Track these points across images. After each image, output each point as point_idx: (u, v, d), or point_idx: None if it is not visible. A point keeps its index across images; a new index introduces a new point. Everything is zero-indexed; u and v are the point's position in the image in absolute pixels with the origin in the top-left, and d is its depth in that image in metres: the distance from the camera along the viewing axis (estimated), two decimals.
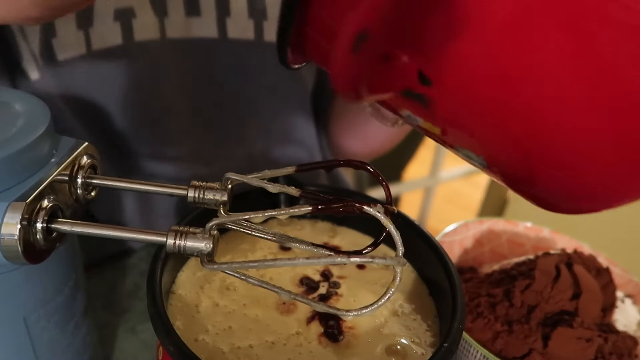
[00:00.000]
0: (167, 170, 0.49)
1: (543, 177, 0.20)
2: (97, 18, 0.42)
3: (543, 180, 0.20)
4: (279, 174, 0.26)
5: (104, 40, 0.42)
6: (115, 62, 0.43)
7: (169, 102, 0.46)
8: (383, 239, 0.25)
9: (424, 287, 0.31)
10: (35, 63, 0.41)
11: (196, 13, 0.45)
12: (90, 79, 0.43)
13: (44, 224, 0.23)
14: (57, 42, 0.41)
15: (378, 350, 0.27)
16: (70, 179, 0.26)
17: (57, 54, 0.41)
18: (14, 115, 0.25)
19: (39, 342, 0.28)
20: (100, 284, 0.44)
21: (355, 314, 0.22)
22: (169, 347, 0.23)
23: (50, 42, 0.41)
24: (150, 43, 0.43)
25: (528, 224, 0.45)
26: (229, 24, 0.46)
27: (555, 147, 0.18)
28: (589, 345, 0.33)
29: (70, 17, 0.41)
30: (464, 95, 0.19)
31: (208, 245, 0.23)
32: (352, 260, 0.21)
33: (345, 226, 0.35)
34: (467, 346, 0.32)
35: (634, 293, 0.41)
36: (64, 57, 0.41)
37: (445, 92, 0.19)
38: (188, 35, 0.45)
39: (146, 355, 0.39)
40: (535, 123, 0.18)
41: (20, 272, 0.25)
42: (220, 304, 0.29)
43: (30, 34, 0.41)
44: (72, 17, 0.41)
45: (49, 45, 0.41)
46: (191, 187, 0.27)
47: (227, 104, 0.49)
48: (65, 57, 0.41)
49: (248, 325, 0.27)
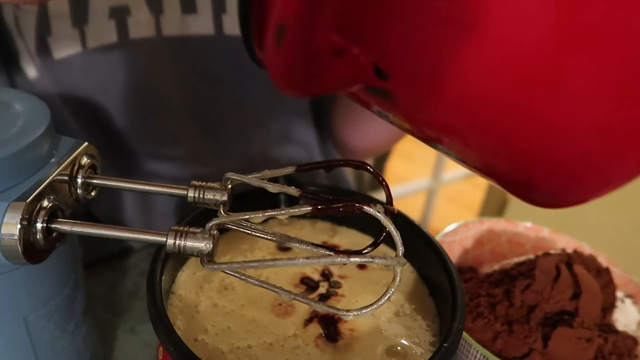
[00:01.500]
0: (167, 169, 0.49)
1: (512, 169, 0.20)
2: (92, 16, 0.42)
3: (515, 172, 0.20)
4: (279, 173, 0.26)
5: (99, 39, 0.42)
6: (111, 60, 0.43)
7: (167, 100, 0.46)
8: (383, 239, 0.25)
9: (424, 287, 0.31)
10: (33, 61, 0.41)
11: (192, 10, 0.45)
12: (87, 77, 0.43)
13: (44, 224, 0.23)
14: (52, 40, 0.41)
15: (378, 351, 0.27)
16: (70, 179, 0.26)
17: (53, 53, 0.41)
18: (14, 115, 0.25)
19: (39, 342, 0.28)
20: (100, 284, 0.44)
21: (355, 314, 0.21)
22: (169, 347, 0.23)
23: (46, 40, 0.41)
24: (145, 41, 0.43)
25: (528, 224, 0.45)
26: (225, 20, 0.46)
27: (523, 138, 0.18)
28: (589, 345, 0.33)
29: (65, 15, 0.41)
30: (422, 87, 0.18)
31: (208, 245, 0.23)
32: (352, 260, 0.21)
33: (345, 226, 0.35)
34: (467, 346, 0.32)
35: (634, 293, 0.41)
36: (60, 55, 0.41)
37: (404, 85, 0.19)
38: (184, 33, 0.45)
39: (146, 355, 0.39)
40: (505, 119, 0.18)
41: (20, 272, 0.25)
42: (219, 304, 0.29)
43: (26, 33, 0.41)
44: (68, 15, 0.41)
45: (45, 44, 0.41)
46: (191, 187, 0.27)
47: (225, 102, 0.49)
48: (61, 55, 0.41)
49: (246, 326, 0.27)
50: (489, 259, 0.44)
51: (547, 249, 0.42)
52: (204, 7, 0.45)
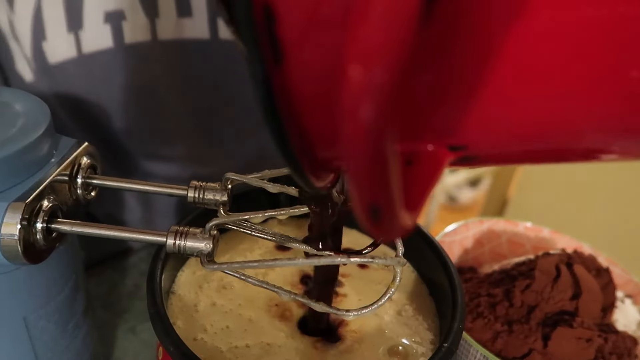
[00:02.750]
0: (167, 170, 0.49)
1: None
2: (87, 21, 0.41)
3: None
4: (279, 173, 0.26)
5: (94, 43, 0.42)
6: (107, 64, 0.43)
7: (164, 103, 0.46)
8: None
9: (424, 287, 0.31)
10: (29, 65, 0.41)
11: (187, 14, 0.44)
12: (83, 82, 0.43)
13: (44, 224, 0.23)
14: (47, 46, 0.41)
15: (380, 351, 0.27)
16: (70, 179, 0.26)
17: (48, 58, 0.41)
18: (14, 115, 0.25)
19: (39, 342, 0.28)
20: (100, 284, 0.44)
21: (355, 314, 0.22)
22: (168, 347, 0.23)
23: (40, 45, 0.41)
24: (141, 45, 0.43)
25: (528, 224, 0.45)
26: (220, 24, 0.46)
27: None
28: (589, 345, 0.33)
29: (60, 20, 0.41)
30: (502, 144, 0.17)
31: (208, 245, 0.23)
32: (352, 260, 0.21)
33: (345, 225, 0.35)
34: (467, 346, 0.32)
35: (634, 293, 0.41)
36: (55, 60, 0.41)
37: (485, 147, 0.17)
38: (180, 37, 0.45)
39: (146, 355, 0.39)
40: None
41: (21, 272, 0.25)
42: (217, 303, 0.29)
43: (22, 37, 0.41)
44: (63, 20, 0.41)
45: (39, 49, 0.41)
46: (191, 187, 0.27)
47: (222, 104, 0.49)
48: (56, 60, 0.41)
49: (244, 325, 0.27)
50: (489, 259, 0.44)
51: (547, 249, 0.42)
52: (200, 10, 0.45)
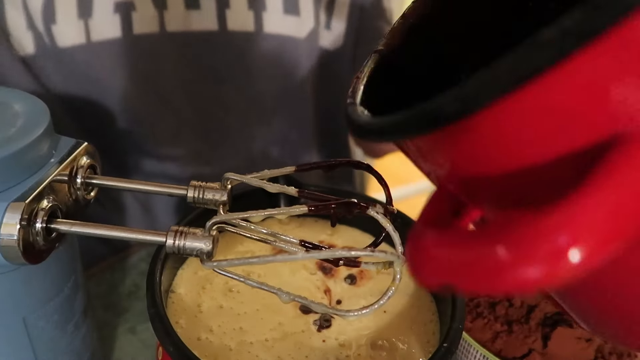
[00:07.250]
0: (167, 169, 0.49)
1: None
2: (97, 9, 0.42)
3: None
4: (279, 173, 0.26)
5: (103, 32, 0.42)
6: (114, 54, 0.43)
7: (168, 97, 0.46)
8: (383, 239, 0.25)
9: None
10: (34, 38, 0.41)
11: (196, 6, 0.45)
12: (89, 69, 0.43)
13: (44, 224, 0.23)
14: (56, 29, 0.41)
15: (378, 350, 0.27)
16: (69, 179, 0.26)
17: (57, 40, 0.41)
18: (13, 115, 0.25)
19: (38, 342, 0.28)
20: (100, 284, 0.44)
21: (356, 315, 0.22)
22: (168, 347, 0.23)
23: (50, 27, 0.41)
24: (149, 36, 0.44)
25: None
26: (228, 16, 0.46)
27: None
28: (589, 345, 0.33)
29: (71, 6, 0.41)
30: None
31: (208, 244, 0.23)
32: (353, 254, 0.21)
33: (345, 225, 0.35)
34: (467, 346, 0.32)
35: None
36: (63, 44, 0.42)
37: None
38: (188, 29, 0.45)
39: (146, 355, 0.39)
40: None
41: (20, 272, 0.25)
42: (224, 305, 0.28)
43: (33, 13, 0.41)
44: (74, 6, 0.41)
45: (49, 31, 0.41)
46: (191, 187, 0.27)
47: (227, 99, 0.49)
48: (65, 44, 0.42)
49: (254, 324, 0.27)
50: None
51: None
52: (208, 2, 0.45)
